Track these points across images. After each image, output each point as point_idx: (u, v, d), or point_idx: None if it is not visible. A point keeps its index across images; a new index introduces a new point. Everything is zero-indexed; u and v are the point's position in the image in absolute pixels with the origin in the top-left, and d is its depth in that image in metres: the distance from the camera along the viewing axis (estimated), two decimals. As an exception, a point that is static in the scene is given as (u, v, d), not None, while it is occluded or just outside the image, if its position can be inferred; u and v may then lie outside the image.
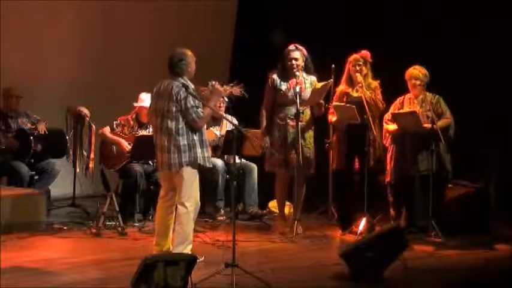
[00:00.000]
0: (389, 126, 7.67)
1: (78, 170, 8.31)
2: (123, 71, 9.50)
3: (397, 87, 7.76)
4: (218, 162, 8.31)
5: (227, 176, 8.40)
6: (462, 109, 7.84)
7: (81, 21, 9.28)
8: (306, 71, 7.52)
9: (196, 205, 6.27)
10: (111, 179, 8.14)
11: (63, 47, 9.20)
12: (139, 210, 7.98)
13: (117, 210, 7.49)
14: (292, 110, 7.42)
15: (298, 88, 7.34)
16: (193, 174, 6.26)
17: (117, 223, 7.46)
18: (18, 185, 7.88)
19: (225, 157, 8.45)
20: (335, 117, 7.63)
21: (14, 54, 8.63)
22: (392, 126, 7.64)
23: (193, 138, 6.22)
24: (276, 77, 7.52)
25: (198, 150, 6.23)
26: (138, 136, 7.84)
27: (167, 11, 9.84)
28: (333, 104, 7.63)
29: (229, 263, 5.71)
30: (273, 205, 8.41)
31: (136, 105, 8.11)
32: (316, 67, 7.58)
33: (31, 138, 8.04)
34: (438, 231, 7.25)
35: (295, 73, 7.46)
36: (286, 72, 7.49)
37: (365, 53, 7.62)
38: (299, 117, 7.33)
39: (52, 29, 9.09)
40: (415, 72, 7.62)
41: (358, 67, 7.59)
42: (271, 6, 10.10)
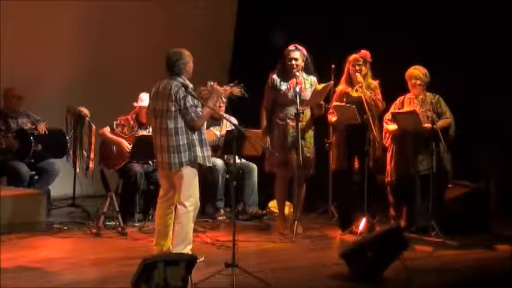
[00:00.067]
0: (390, 126, 7.67)
1: (78, 170, 8.30)
2: (123, 71, 9.50)
3: (397, 87, 7.76)
4: (218, 162, 8.31)
5: (227, 176, 8.40)
6: (462, 109, 7.85)
7: (81, 21, 9.27)
8: (306, 71, 7.51)
9: (196, 205, 6.27)
10: (111, 179, 8.13)
11: (64, 47, 9.20)
12: (139, 210, 7.98)
13: (117, 210, 7.49)
14: (292, 110, 7.41)
15: (298, 88, 7.32)
16: (193, 173, 6.26)
17: (117, 223, 7.46)
18: (18, 185, 7.88)
19: (225, 157, 8.45)
20: (335, 117, 7.63)
21: (15, 55, 8.63)
22: (393, 126, 7.64)
23: (193, 138, 6.22)
24: (276, 77, 7.50)
25: (197, 149, 6.23)
26: (138, 136, 7.84)
27: (167, 11, 9.84)
28: (332, 104, 7.63)
29: (229, 263, 5.71)
30: (273, 205, 8.41)
31: (136, 105, 8.11)
32: (316, 67, 7.58)
33: (31, 138, 8.04)
34: (438, 231, 7.24)
35: (295, 73, 7.45)
36: (286, 72, 7.48)
37: (364, 52, 7.62)
38: (299, 117, 7.32)
39: (52, 29, 9.09)
40: (416, 72, 7.62)
41: (358, 67, 7.58)
42: (271, 6, 10.10)
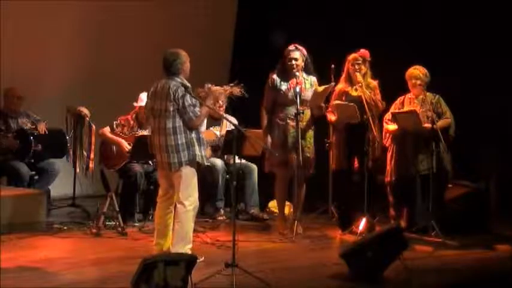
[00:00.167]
0: (390, 126, 7.67)
1: (78, 170, 8.29)
2: (123, 71, 9.50)
3: (397, 87, 7.76)
4: (218, 162, 8.31)
5: (227, 176, 8.40)
6: (462, 109, 7.85)
7: (81, 21, 9.27)
8: (306, 71, 7.50)
9: (195, 204, 6.27)
10: (111, 179, 8.13)
11: (64, 47, 9.20)
12: (139, 210, 7.98)
13: (117, 210, 7.49)
14: (292, 110, 7.40)
15: (298, 88, 7.32)
16: (192, 173, 6.25)
17: (117, 223, 7.46)
18: (18, 185, 7.88)
19: (225, 157, 8.45)
20: (334, 116, 7.63)
21: (15, 55, 8.63)
22: (393, 126, 7.64)
23: (191, 137, 6.23)
24: (276, 77, 7.50)
25: (196, 148, 6.23)
26: (138, 136, 7.84)
27: (167, 11, 9.84)
28: (333, 103, 7.62)
29: (229, 263, 5.71)
30: (273, 205, 8.41)
31: (136, 105, 8.10)
32: (316, 67, 7.58)
33: (31, 138, 8.04)
34: (438, 231, 7.24)
35: (295, 73, 7.45)
36: (286, 72, 7.48)
37: (363, 51, 7.61)
38: (299, 118, 7.32)
39: (52, 29, 9.09)
40: (416, 72, 7.62)
41: (357, 66, 7.58)
42: (271, 6, 10.10)
